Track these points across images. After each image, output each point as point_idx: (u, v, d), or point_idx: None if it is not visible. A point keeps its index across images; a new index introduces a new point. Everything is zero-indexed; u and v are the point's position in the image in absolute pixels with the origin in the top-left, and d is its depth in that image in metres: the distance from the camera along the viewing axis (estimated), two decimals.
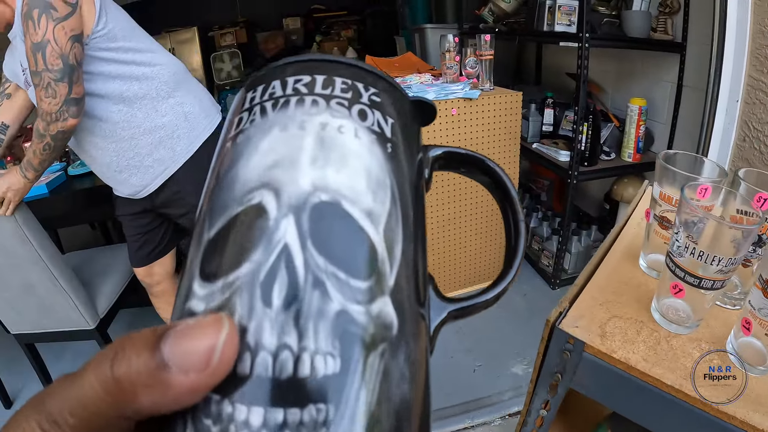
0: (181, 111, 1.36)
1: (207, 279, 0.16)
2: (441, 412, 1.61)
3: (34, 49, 1.07)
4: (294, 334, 0.14)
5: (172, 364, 0.13)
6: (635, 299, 0.64)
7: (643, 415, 0.59)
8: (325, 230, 0.16)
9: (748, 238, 0.53)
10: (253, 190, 0.17)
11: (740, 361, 0.57)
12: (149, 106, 1.31)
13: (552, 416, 0.68)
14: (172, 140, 1.36)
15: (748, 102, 1.45)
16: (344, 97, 0.19)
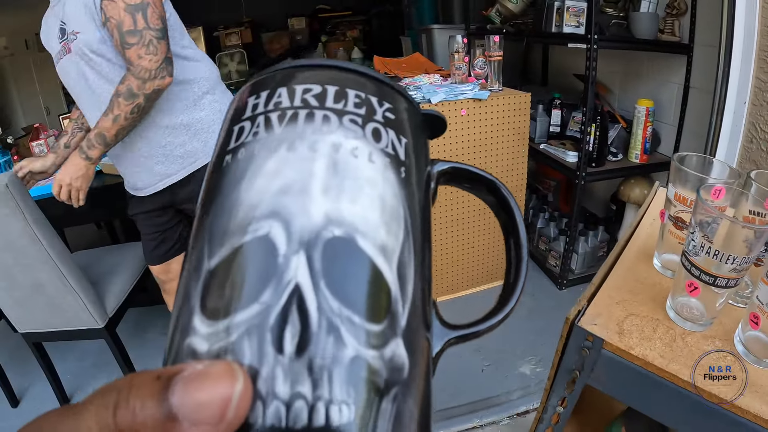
0: (218, 108, 1.39)
1: (210, 316, 0.15)
2: (449, 411, 1.63)
3: (133, 10, 1.13)
4: (308, 383, 0.14)
5: (181, 417, 0.13)
6: (650, 298, 0.66)
7: (660, 410, 0.61)
8: (339, 270, 0.15)
9: (760, 238, 0.55)
10: (259, 219, 0.16)
11: (751, 356, 0.59)
12: (190, 99, 1.35)
13: (568, 413, 0.70)
14: (207, 134, 1.39)
15: (755, 104, 1.47)
16: (358, 113, 0.18)
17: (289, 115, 0.17)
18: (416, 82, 1.95)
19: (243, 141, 0.17)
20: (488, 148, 1.91)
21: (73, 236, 2.75)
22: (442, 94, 1.74)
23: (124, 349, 1.71)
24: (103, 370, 1.96)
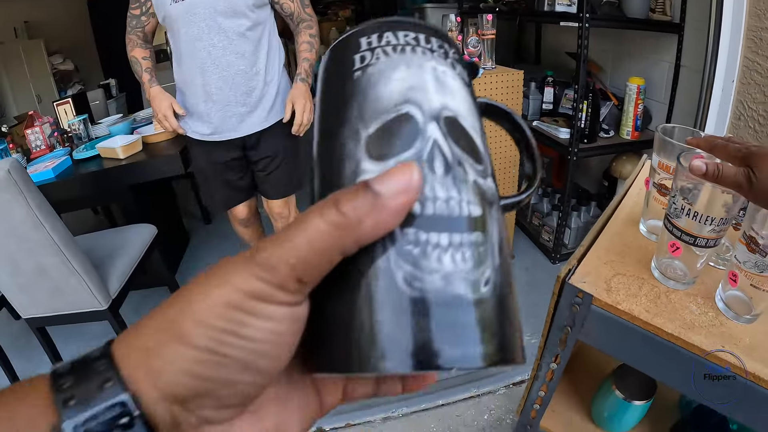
0: (283, 85, 1.75)
1: (378, 159, 0.22)
2: (447, 381, 1.69)
3: None
4: (454, 190, 0.22)
5: (384, 193, 0.19)
6: (636, 260, 0.71)
7: (646, 362, 0.67)
8: (455, 133, 0.23)
9: (737, 201, 0.60)
10: (399, 104, 0.23)
11: (730, 312, 0.65)
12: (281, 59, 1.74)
13: (561, 370, 0.76)
14: (280, 97, 1.72)
15: (743, 82, 1.51)
16: (440, 51, 0.26)
17: (399, 48, 0.25)
18: None
19: (368, 63, 0.25)
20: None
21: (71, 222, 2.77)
22: None
23: None
24: None
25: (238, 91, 1.59)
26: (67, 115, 2.50)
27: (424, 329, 0.19)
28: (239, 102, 1.61)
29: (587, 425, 0.92)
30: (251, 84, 1.61)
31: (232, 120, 1.63)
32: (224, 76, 1.56)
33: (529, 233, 2.52)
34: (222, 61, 1.54)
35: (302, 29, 1.71)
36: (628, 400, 0.85)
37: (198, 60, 1.54)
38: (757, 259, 0.60)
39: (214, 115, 1.62)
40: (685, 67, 1.97)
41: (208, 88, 1.57)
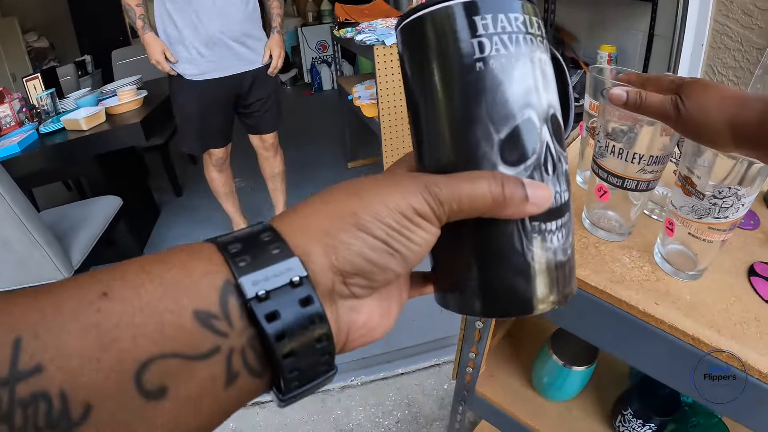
0: None
1: (511, 165, 0.24)
2: (409, 350, 1.62)
3: None
4: (558, 185, 0.25)
5: (530, 198, 0.23)
6: None
7: (574, 322, 0.58)
8: (557, 130, 0.25)
9: (673, 140, 0.51)
10: (522, 108, 0.24)
11: (668, 266, 0.56)
12: None
13: (488, 329, 0.68)
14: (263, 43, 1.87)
15: (713, 46, 1.43)
16: (539, 34, 0.25)
17: (514, 38, 0.24)
18: (372, 25, 1.86)
19: (489, 54, 0.24)
20: None
21: (44, 198, 2.67)
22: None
23: None
24: None
25: (237, 32, 1.71)
26: (36, 90, 2.37)
27: (551, 282, 0.25)
28: (238, 41, 1.73)
29: (527, 392, 0.84)
30: (248, 25, 1.73)
31: (230, 58, 1.74)
32: (224, 19, 1.66)
33: None
34: (223, 2, 1.64)
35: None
36: (567, 365, 0.77)
37: (197, 4, 1.62)
38: (695, 203, 0.50)
39: (212, 53, 1.70)
40: (659, 36, 1.89)
41: (209, 30, 1.66)
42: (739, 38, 1.36)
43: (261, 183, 2.37)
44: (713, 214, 0.49)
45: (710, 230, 0.50)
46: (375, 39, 1.67)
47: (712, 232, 0.51)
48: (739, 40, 1.36)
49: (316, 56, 4.65)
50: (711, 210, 0.49)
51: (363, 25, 1.89)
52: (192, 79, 1.76)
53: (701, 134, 0.42)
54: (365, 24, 1.89)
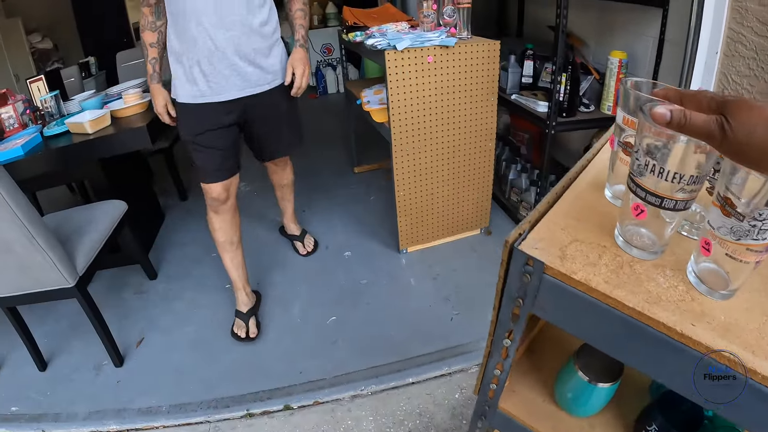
0: (284, 51, 1.71)
1: None
2: (419, 359, 1.62)
3: None
4: None
5: None
6: (598, 225, 0.62)
7: (605, 340, 0.57)
8: None
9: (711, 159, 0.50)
10: None
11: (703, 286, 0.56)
12: (278, 37, 1.67)
13: (515, 346, 0.67)
14: (284, 62, 1.69)
15: (727, 54, 1.43)
16: None
17: None
18: (383, 29, 1.86)
19: None
20: (456, 95, 1.84)
21: (47, 200, 2.66)
22: (408, 41, 1.65)
23: (97, 308, 1.67)
24: (78, 331, 1.91)
25: (245, 47, 1.52)
26: (40, 92, 2.36)
27: None
28: (245, 58, 1.54)
29: (550, 407, 0.83)
30: (257, 39, 1.54)
31: (235, 79, 1.55)
32: (228, 30, 1.48)
33: (507, 209, 2.43)
34: (226, 11, 1.45)
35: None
36: (593, 382, 0.76)
37: (196, 12, 1.44)
38: (734, 224, 0.50)
39: (214, 72, 1.52)
40: (669, 42, 1.88)
41: (210, 44, 1.48)
42: (753, 46, 1.36)
43: (267, 187, 2.37)
44: (752, 235, 0.49)
45: (747, 251, 0.50)
46: (386, 44, 1.67)
47: (749, 254, 0.50)
48: (753, 48, 1.36)
49: (321, 59, 4.66)
50: (750, 232, 0.49)
51: (373, 29, 1.89)
52: (186, 103, 1.58)
53: (747, 156, 0.41)
54: (375, 28, 1.89)
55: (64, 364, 1.79)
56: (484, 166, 2.07)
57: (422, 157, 1.93)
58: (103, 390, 1.66)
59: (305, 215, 2.64)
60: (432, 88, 1.78)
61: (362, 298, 1.95)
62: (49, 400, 1.65)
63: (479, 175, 2.08)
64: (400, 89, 1.72)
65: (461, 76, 1.80)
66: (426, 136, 1.89)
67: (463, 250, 2.18)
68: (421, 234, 2.15)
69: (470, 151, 2.00)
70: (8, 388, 1.72)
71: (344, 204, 2.70)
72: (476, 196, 2.14)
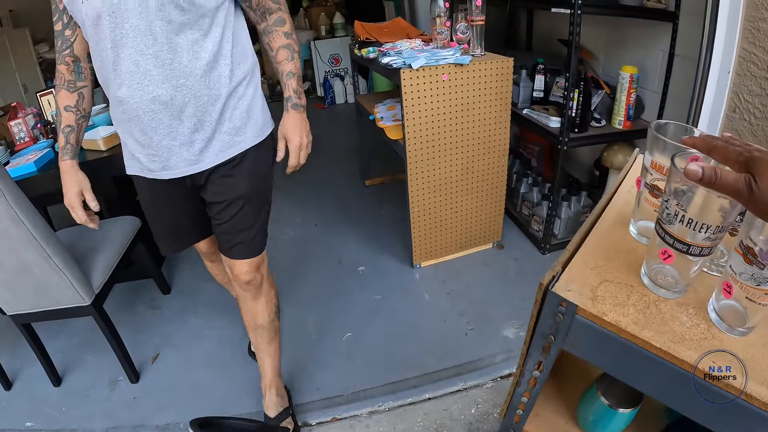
0: (260, 92, 1.26)
1: None
2: (435, 375, 1.66)
3: None
4: None
5: None
6: (625, 264, 0.66)
7: (632, 375, 0.62)
8: None
9: (735, 207, 0.54)
10: None
11: (723, 324, 0.60)
12: (250, 70, 1.20)
13: (545, 377, 0.71)
14: (255, 113, 1.22)
15: (739, 74, 1.46)
16: None
17: None
18: (397, 47, 1.90)
19: None
20: (470, 112, 1.88)
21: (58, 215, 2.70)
22: (423, 60, 1.70)
23: (113, 325, 1.70)
24: (92, 346, 1.95)
25: (186, 112, 1.09)
26: (51, 106, 2.41)
27: None
28: (188, 127, 1.11)
29: (572, 430, 0.87)
30: (204, 92, 1.09)
31: (178, 152, 1.14)
32: (163, 93, 1.05)
33: (518, 223, 2.47)
34: (155, 70, 1.03)
35: (272, 27, 1.20)
36: (614, 407, 0.80)
37: (124, 73, 1.03)
38: (755, 272, 0.54)
39: (149, 142, 1.12)
40: (679, 56, 1.92)
41: (140, 111, 1.07)
42: (765, 66, 1.39)
43: None
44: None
45: (766, 295, 0.54)
46: (402, 62, 1.71)
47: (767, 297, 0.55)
48: (765, 67, 1.40)
49: (329, 70, 4.72)
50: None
51: (387, 46, 1.93)
52: (132, 175, 1.26)
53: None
54: (389, 45, 1.93)
55: (78, 379, 1.82)
56: (496, 181, 2.11)
57: (436, 174, 1.98)
58: (120, 406, 1.68)
59: (317, 229, 2.68)
60: (446, 105, 1.82)
61: (377, 313, 1.99)
62: (65, 416, 1.67)
63: (492, 190, 2.13)
64: (415, 107, 1.77)
65: (475, 93, 1.85)
66: (440, 153, 1.93)
67: (476, 265, 2.23)
68: (434, 249, 2.19)
69: (483, 167, 2.05)
70: (23, 403, 1.74)
71: (357, 217, 2.74)
72: (489, 210, 2.18)
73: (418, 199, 2.00)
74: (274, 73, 1.42)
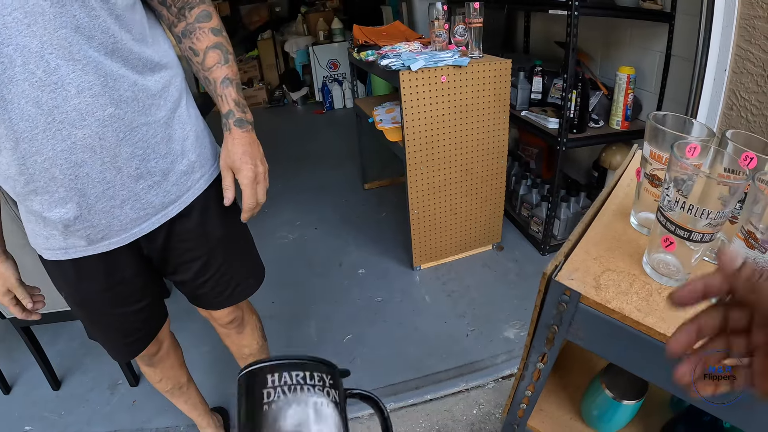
0: (198, 115, 0.97)
1: None
2: (436, 376, 1.66)
3: None
4: None
5: None
6: (627, 254, 0.67)
7: (636, 363, 0.62)
8: None
9: (735, 194, 0.55)
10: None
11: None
12: (183, 91, 0.92)
13: (548, 369, 0.72)
14: (205, 139, 0.96)
15: (735, 71, 1.48)
16: (319, 384, 0.36)
17: (293, 388, 0.35)
18: (396, 50, 1.92)
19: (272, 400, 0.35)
20: (469, 114, 1.90)
21: None
22: (422, 61, 1.71)
23: None
24: (91, 349, 1.94)
25: (122, 155, 0.79)
26: None
27: None
28: (129, 176, 0.81)
29: (576, 424, 0.88)
30: (144, 133, 0.81)
31: (124, 210, 0.83)
32: (87, 133, 0.74)
33: (518, 224, 2.48)
34: (73, 108, 0.71)
35: (195, 24, 0.89)
36: (618, 399, 0.81)
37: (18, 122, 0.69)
38: (756, 256, 0.55)
39: (82, 218, 0.80)
40: (676, 57, 1.94)
41: (55, 171, 0.74)
42: (761, 63, 1.41)
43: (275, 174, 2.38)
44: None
45: None
46: (401, 64, 1.73)
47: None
48: (761, 65, 1.42)
49: (327, 75, 4.75)
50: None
51: (386, 48, 1.95)
52: (50, 260, 0.89)
53: None
54: (388, 48, 1.95)
55: (78, 383, 1.81)
56: (496, 182, 2.13)
57: (436, 175, 1.99)
58: (119, 410, 1.68)
59: (317, 233, 2.68)
60: (445, 107, 1.84)
61: (378, 315, 1.99)
62: (64, 420, 1.66)
63: (491, 192, 2.14)
64: (414, 108, 1.78)
65: (474, 95, 1.86)
66: (439, 155, 1.94)
67: (476, 266, 2.23)
68: (434, 251, 2.20)
69: (483, 169, 2.06)
70: (21, 407, 1.73)
71: (356, 220, 2.75)
72: (488, 212, 2.19)
73: (418, 200, 2.01)
74: None
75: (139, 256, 0.94)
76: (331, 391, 0.38)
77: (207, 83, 0.91)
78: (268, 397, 0.35)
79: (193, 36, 0.89)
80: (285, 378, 0.36)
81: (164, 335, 1.18)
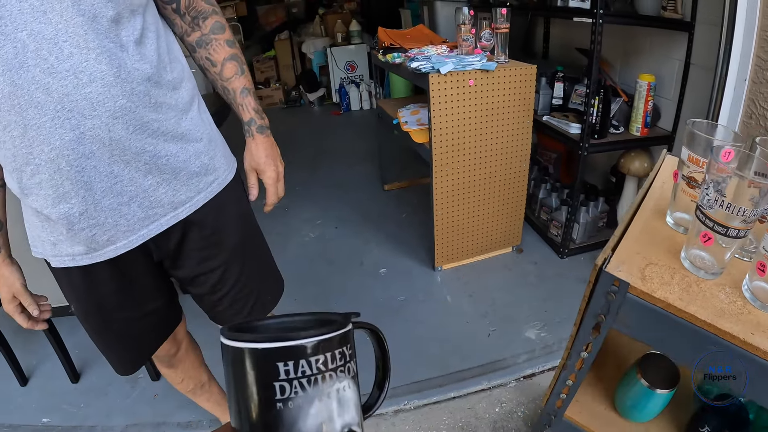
0: (212, 122, 0.99)
1: None
2: (459, 374, 1.73)
3: None
4: None
5: None
6: (666, 250, 0.74)
7: (678, 349, 0.70)
8: None
9: (765, 195, 0.63)
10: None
11: (758, 302, 0.68)
12: (195, 95, 0.93)
13: (592, 359, 0.79)
14: (218, 145, 0.97)
15: (755, 81, 1.54)
16: (341, 364, 0.32)
17: (313, 379, 0.30)
18: (424, 52, 2.00)
19: (289, 396, 0.30)
20: (494, 118, 1.98)
21: None
22: (451, 65, 1.79)
23: None
24: None
25: (132, 149, 0.78)
26: None
27: None
28: (138, 170, 0.80)
29: (611, 414, 0.95)
30: (155, 128, 0.81)
31: (131, 209, 0.82)
32: (97, 124, 0.73)
33: (537, 228, 2.56)
34: (83, 97, 0.71)
35: (210, 36, 0.95)
36: (653, 388, 0.88)
37: (27, 109, 0.69)
38: None
39: (87, 215, 0.79)
40: (695, 65, 2.00)
41: (61, 162, 0.73)
42: None
43: None
44: None
45: None
46: (431, 67, 1.81)
47: None
48: None
49: (345, 76, 4.85)
50: None
51: (414, 51, 2.03)
52: (58, 267, 0.89)
53: None
54: (416, 51, 2.03)
55: (97, 376, 1.83)
56: (517, 186, 2.21)
57: (460, 177, 2.07)
58: (140, 403, 1.70)
59: (338, 232, 2.76)
60: (471, 110, 1.92)
61: (400, 314, 2.06)
62: (83, 412, 1.68)
63: (513, 195, 2.22)
64: (441, 111, 1.86)
65: (499, 99, 1.94)
66: (464, 157, 2.02)
67: (496, 268, 2.31)
68: (455, 252, 2.27)
69: (505, 172, 2.14)
70: (39, 399, 1.75)
71: (377, 221, 2.82)
72: (509, 215, 2.27)
73: (442, 202, 2.09)
74: None
75: (150, 260, 0.94)
76: (350, 363, 0.32)
77: (225, 92, 0.99)
78: (283, 393, 0.29)
79: (210, 47, 0.95)
80: (303, 368, 0.30)
81: (182, 336, 1.22)
